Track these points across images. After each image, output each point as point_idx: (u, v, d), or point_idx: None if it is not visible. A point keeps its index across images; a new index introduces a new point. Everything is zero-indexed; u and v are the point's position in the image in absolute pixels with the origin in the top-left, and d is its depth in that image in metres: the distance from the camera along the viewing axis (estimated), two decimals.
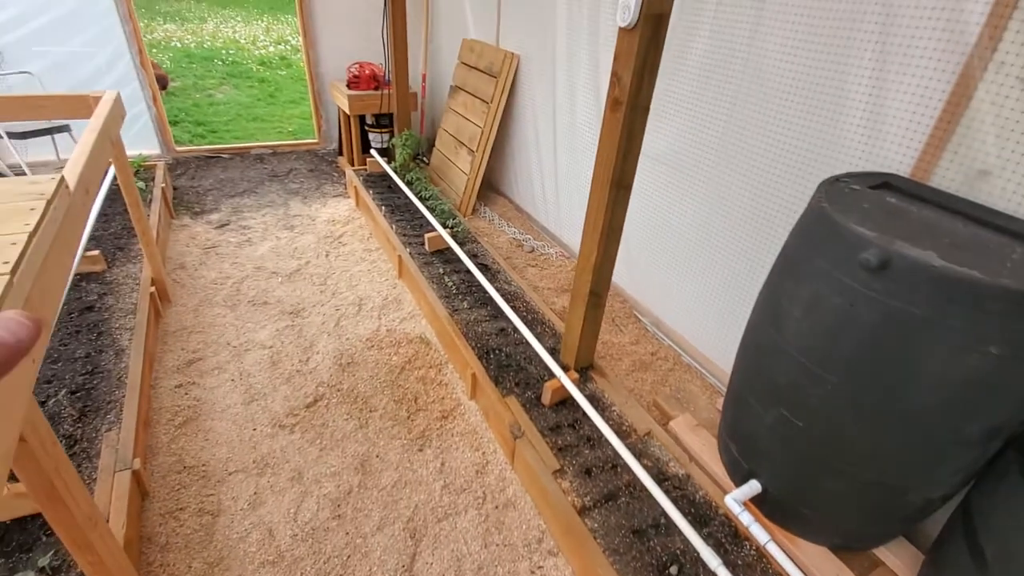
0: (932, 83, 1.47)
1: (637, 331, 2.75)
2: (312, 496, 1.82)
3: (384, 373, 2.37)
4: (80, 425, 1.83)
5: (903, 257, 1.12)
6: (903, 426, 1.25)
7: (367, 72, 4.16)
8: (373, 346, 2.53)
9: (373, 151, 4.26)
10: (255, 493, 1.82)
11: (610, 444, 1.83)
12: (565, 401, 2.06)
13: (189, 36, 10.58)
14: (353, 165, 4.40)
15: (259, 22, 12.78)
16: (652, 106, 1.66)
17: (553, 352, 2.25)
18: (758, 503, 1.65)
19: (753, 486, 1.62)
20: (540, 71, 3.29)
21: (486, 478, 1.92)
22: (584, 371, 2.20)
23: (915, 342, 1.16)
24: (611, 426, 1.90)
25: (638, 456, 1.80)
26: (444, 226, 3.22)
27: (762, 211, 2.02)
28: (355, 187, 3.88)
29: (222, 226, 3.54)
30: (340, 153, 4.78)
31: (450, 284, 2.78)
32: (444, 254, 3.07)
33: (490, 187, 4.24)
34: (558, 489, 1.69)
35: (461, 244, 3.07)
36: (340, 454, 1.98)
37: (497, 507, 1.83)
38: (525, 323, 2.41)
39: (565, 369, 2.12)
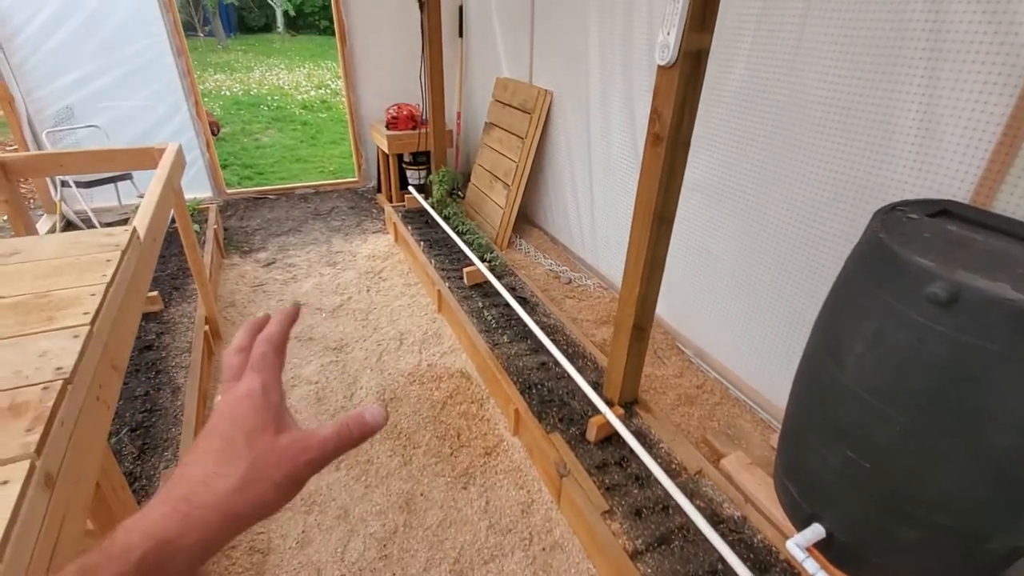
0: (989, 106, 1.43)
1: (680, 363, 2.69)
2: (359, 535, 1.82)
3: (426, 408, 2.38)
4: (139, 463, 1.89)
5: (973, 290, 1.07)
6: (982, 468, 1.17)
7: (405, 113, 4.31)
8: (415, 381, 2.55)
9: (411, 188, 4.38)
10: (303, 531, 1.83)
11: (660, 483, 1.77)
12: (610, 438, 2.02)
13: (237, 85, 11.26)
14: (391, 202, 4.53)
15: (301, 68, 13.51)
16: (699, 138, 1.66)
17: (596, 386, 2.22)
18: (822, 548, 1.56)
19: (817, 530, 1.53)
20: (574, 106, 3.34)
21: (532, 518, 1.88)
22: (629, 406, 2.15)
23: (992, 379, 1.09)
24: (660, 464, 1.84)
25: (690, 496, 1.73)
26: (482, 260, 3.26)
27: (809, 239, 1.97)
28: (394, 223, 3.99)
29: (269, 264, 3.68)
30: (379, 190, 4.94)
31: (489, 318, 2.80)
32: (482, 287, 3.09)
33: (525, 220, 4.28)
34: (608, 531, 1.64)
35: (499, 277, 3.10)
36: (385, 492, 1.98)
37: (544, 549, 1.78)
38: (566, 356, 2.39)
39: (609, 404, 2.08)
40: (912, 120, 1.60)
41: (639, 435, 2.00)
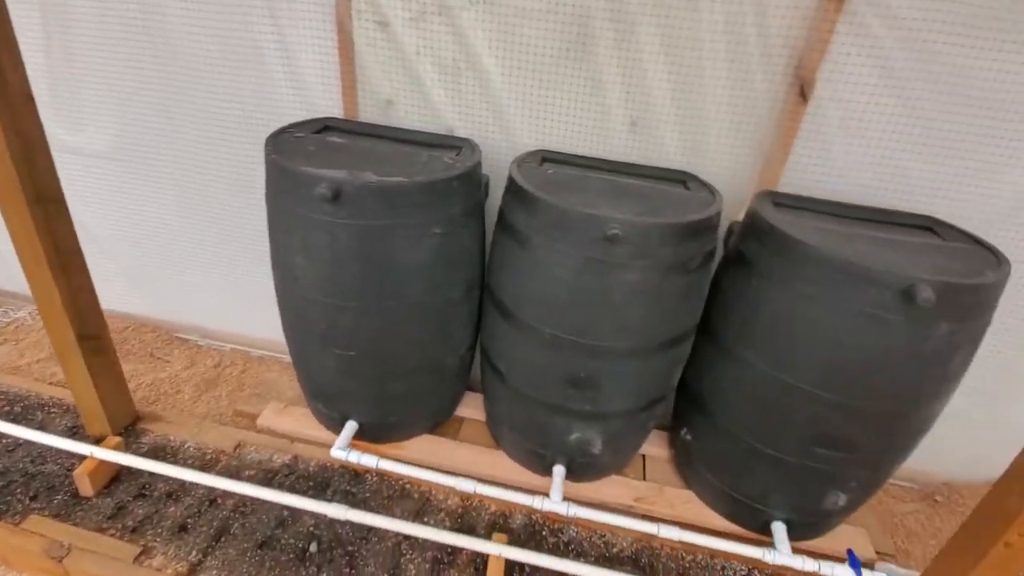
0: (321, 34, 1.66)
1: (188, 353, 2.39)
2: None
3: None
4: None
5: (349, 182, 1.29)
6: (416, 311, 1.51)
7: None
8: None
9: None
10: None
11: (198, 483, 1.58)
12: (118, 476, 1.63)
13: None
14: None
15: None
16: (76, 100, 1.30)
17: (75, 430, 1.72)
18: (362, 436, 1.75)
19: (351, 427, 1.70)
20: None
21: None
22: (130, 428, 1.77)
23: (389, 245, 1.38)
24: (192, 464, 1.64)
25: (235, 474, 1.62)
26: None
27: (238, 179, 1.96)
28: None
29: None
30: None
31: None
32: None
33: None
34: (149, 572, 1.36)
35: None
36: None
37: None
38: (11, 420, 1.72)
39: (99, 441, 1.65)
40: (275, 54, 1.71)
41: (156, 451, 1.70)
